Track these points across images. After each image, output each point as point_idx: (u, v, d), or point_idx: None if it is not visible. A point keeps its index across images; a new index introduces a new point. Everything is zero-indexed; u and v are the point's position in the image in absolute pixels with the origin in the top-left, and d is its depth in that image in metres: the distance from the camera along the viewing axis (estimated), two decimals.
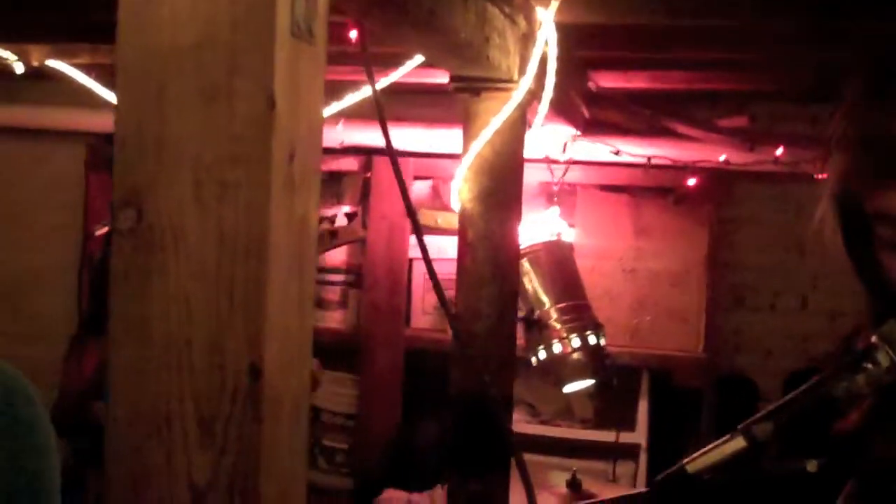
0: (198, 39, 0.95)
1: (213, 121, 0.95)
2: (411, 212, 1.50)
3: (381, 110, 1.58)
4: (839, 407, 1.27)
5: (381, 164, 4.34)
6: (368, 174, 4.40)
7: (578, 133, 4.11)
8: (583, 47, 3.54)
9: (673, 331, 4.17)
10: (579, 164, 4.21)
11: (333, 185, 4.53)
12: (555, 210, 4.01)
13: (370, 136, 4.34)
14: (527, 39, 2.43)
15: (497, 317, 2.49)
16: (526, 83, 2.38)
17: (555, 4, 2.33)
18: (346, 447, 4.38)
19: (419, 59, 2.48)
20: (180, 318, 0.96)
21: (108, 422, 0.98)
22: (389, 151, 1.52)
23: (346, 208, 4.48)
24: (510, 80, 2.38)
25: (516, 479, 2.07)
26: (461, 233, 2.50)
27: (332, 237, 2.29)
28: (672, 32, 3.23)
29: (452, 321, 2.09)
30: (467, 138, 2.47)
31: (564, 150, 4.10)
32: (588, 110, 4.15)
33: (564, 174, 4.05)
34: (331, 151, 4.36)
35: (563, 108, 3.80)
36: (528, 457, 2.12)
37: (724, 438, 1.26)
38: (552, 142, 4.09)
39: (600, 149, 4.20)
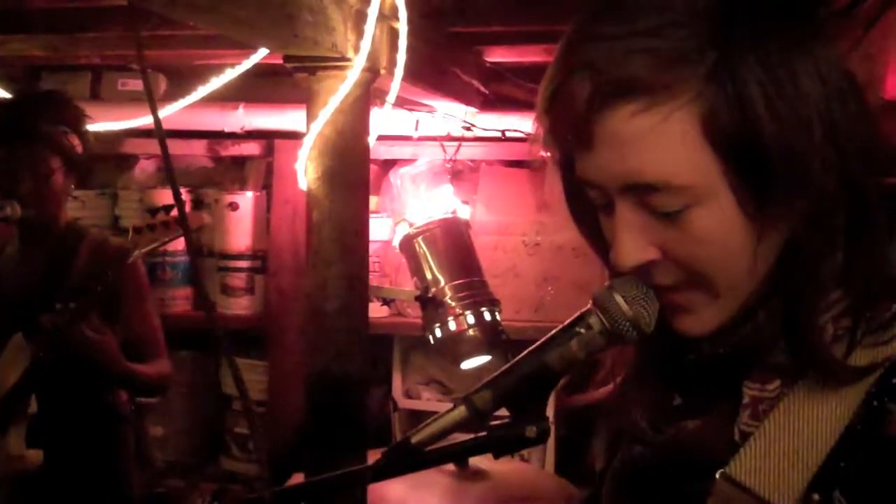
0: None
1: None
2: (178, 199, 1.49)
3: (147, 83, 1.56)
4: (557, 372, 1.27)
5: (284, 148, 4.30)
6: (271, 158, 4.37)
7: (475, 110, 4.10)
8: (467, 23, 3.52)
9: (578, 303, 4.09)
10: (480, 140, 4.19)
11: (236, 169, 4.49)
12: (448, 188, 3.99)
13: (272, 119, 4.31)
14: (364, 16, 2.41)
15: (346, 296, 2.47)
16: (360, 61, 2.36)
17: None
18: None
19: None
20: None
21: None
22: (158, 133, 1.51)
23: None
24: (344, 59, 2.36)
25: None
26: (308, 213, 2.48)
27: (170, 227, 2.24)
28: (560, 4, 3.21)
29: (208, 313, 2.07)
30: (309, 118, 2.45)
31: (465, 128, 4.09)
32: (486, 87, 4.14)
33: (457, 152, 4.04)
34: (232, 136, 4.33)
35: (450, 86, 3.78)
36: None
37: (448, 409, 1.26)
38: (451, 119, 4.08)
39: (503, 125, 4.19)
